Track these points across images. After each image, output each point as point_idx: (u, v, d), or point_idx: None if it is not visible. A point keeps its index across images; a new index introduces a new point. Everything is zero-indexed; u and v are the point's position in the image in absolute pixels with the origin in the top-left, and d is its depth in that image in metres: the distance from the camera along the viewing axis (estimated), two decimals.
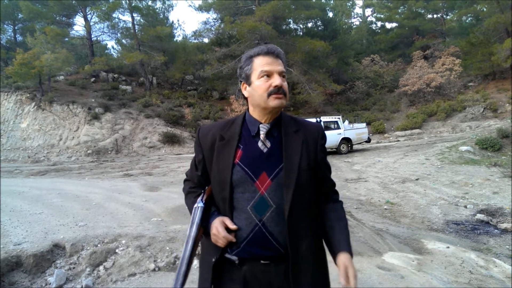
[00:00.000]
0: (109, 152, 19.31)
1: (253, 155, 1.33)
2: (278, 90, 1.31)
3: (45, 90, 22.28)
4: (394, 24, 37.75)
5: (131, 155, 19.23)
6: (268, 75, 1.33)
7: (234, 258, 1.31)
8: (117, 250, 4.06)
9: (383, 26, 40.69)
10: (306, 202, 1.34)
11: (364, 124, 18.16)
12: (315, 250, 1.36)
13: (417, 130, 21.73)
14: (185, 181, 1.60)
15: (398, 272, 3.70)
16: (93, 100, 22.83)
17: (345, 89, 28.16)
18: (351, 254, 1.31)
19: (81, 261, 3.85)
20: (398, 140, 20.17)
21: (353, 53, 32.24)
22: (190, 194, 1.50)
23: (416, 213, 6.50)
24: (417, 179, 9.12)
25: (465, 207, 6.60)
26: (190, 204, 1.44)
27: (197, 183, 1.50)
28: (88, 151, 18.91)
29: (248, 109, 1.44)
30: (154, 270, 3.76)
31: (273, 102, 1.31)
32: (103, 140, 20.08)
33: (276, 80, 1.31)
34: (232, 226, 1.29)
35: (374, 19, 42.33)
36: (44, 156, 18.66)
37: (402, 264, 3.99)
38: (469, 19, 32.03)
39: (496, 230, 5.38)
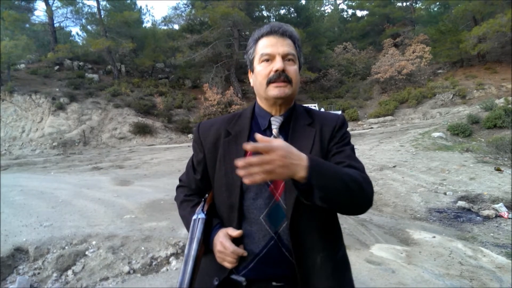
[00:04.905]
0: (76, 144, 18.81)
1: None
2: (279, 76, 1.08)
3: (5, 80, 21.41)
4: (365, 12, 38.46)
5: (100, 147, 18.80)
6: (269, 58, 1.10)
7: (241, 279, 1.07)
8: (87, 252, 3.87)
9: (354, 14, 41.36)
10: (317, 208, 1.00)
11: (340, 112, 18.24)
12: (332, 265, 1.09)
13: (389, 117, 22.19)
14: (178, 187, 1.33)
15: (388, 266, 3.58)
16: (57, 89, 22.13)
17: (319, 77, 28.55)
18: (310, 162, 0.89)
19: (46, 266, 3.63)
20: (372, 127, 20.51)
21: (326, 40, 32.56)
22: (186, 203, 1.24)
23: (398, 201, 6.49)
24: (394, 166, 9.18)
25: (445, 194, 6.67)
26: (186, 216, 1.19)
27: (194, 189, 1.26)
28: (54, 144, 18.34)
29: (256, 100, 1.22)
30: (128, 272, 3.56)
31: (272, 91, 1.10)
32: (70, 131, 19.53)
33: (277, 64, 1.07)
34: (235, 233, 1.06)
35: (345, 7, 42.86)
36: (5, 150, 17.94)
37: (391, 256, 3.88)
38: (437, 7, 32.89)
39: (478, 217, 5.43)
